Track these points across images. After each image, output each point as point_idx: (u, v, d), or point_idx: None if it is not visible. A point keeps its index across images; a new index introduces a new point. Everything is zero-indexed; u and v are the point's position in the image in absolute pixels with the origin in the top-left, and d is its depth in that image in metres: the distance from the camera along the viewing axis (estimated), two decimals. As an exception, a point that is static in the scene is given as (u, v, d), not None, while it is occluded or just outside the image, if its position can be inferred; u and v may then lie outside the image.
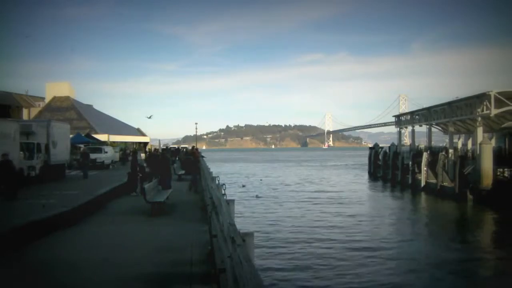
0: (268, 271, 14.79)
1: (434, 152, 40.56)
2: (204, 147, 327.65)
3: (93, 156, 36.10)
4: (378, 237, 21.15)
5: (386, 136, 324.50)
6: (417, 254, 18.06)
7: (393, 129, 67.03)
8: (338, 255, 17.32)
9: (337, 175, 65.54)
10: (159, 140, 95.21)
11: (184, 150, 50.48)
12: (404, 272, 15.29)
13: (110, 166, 37.92)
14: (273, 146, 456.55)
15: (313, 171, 77.09)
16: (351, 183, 51.94)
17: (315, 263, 16.22)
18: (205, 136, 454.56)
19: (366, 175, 61.15)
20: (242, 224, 21.38)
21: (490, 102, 32.42)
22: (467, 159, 34.79)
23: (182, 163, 30.10)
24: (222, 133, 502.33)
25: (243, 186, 46.74)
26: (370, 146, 65.00)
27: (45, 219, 12.47)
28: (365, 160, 68.73)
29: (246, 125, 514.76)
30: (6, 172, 16.80)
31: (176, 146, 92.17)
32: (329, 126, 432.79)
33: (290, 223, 24.61)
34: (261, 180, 55.25)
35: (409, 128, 54.47)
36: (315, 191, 42.21)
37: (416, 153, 43.55)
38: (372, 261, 16.55)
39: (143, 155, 45.08)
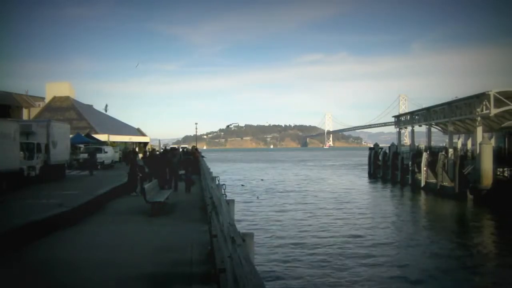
0: (268, 271, 14.80)
1: (433, 152, 40.60)
2: (204, 147, 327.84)
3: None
4: (378, 237, 21.16)
5: (386, 136, 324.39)
6: (417, 254, 18.07)
7: (393, 129, 67.03)
8: (338, 255, 17.33)
9: (337, 175, 65.57)
10: (159, 140, 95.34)
11: (185, 150, 50.41)
12: (403, 272, 15.29)
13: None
14: (271, 146, 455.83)
15: (313, 171, 77.11)
16: (351, 183, 51.95)
17: (315, 263, 16.23)
18: (205, 136, 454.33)
19: (366, 175, 61.16)
20: (242, 224, 21.41)
21: (489, 102, 32.45)
22: (467, 159, 34.84)
23: (180, 163, 30.01)
24: (222, 133, 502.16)
25: (243, 185, 46.80)
26: (370, 146, 65.01)
27: (45, 219, 12.48)
28: (365, 160, 68.76)
29: (246, 125, 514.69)
30: None
31: (176, 146, 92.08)
32: (329, 126, 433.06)
33: (290, 223, 24.62)
34: (262, 179, 55.32)
35: (409, 128, 54.52)
36: (315, 191, 42.23)
37: (416, 153, 43.59)
38: (372, 261, 16.57)
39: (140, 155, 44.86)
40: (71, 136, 34.67)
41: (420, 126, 50.17)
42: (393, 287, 13.97)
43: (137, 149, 52.63)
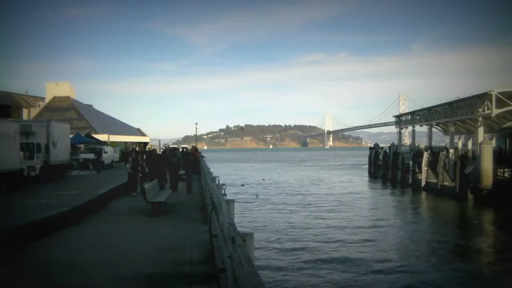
0: (268, 271, 14.78)
1: (434, 152, 40.58)
2: (205, 147, 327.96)
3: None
4: (379, 237, 21.16)
5: (386, 136, 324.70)
6: (417, 254, 18.05)
7: (393, 129, 67.21)
8: (338, 255, 17.31)
9: (337, 175, 65.53)
10: (159, 140, 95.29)
11: (184, 150, 50.33)
12: (403, 272, 15.27)
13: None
14: (271, 146, 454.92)
15: (313, 171, 77.10)
16: (351, 183, 51.94)
17: (315, 263, 16.21)
18: (205, 136, 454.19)
19: (366, 175, 61.16)
20: (242, 224, 21.39)
21: (491, 102, 32.42)
22: (468, 159, 34.82)
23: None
24: (222, 133, 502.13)
25: (242, 185, 46.90)
26: (370, 146, 65.04)
27: (45, 219, 12.47)
28: (365, 160, 68.74)
29: (246, 125, 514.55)
30: None
31: (175, 146, 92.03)
32: (329, 126, 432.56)
33: (290, 223, 24.59)
34: (263, 179, 55.39)
35: (409, 128, 54.53)
36: (315, 191, 42.20)
37: (416, 153, 43.57)
38: (372, 260, 16.55)
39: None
40: (71, 136, 34.66)
41: (421, 126, 50.18)
42: (393, 286, 13.94)
43: (137, 149, 52.62)
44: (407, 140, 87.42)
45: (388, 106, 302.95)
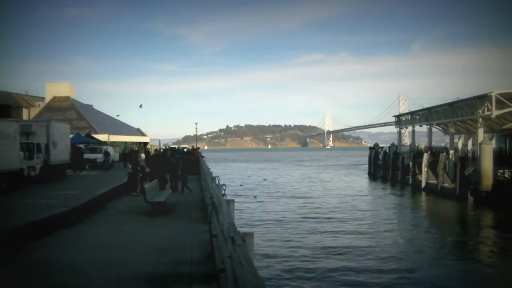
0: (268, 271, 14.77)
1: (434, 153, 40.56)
2: (205, 147, 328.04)
3: (92, 156, 36.21)
4: (379, 237, 21.14)
5: (386, 136, 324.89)
6: (417, 255, 18.06)
7: (393, 129, 67.18)
8: (338, 255, 17.30)
9: (337, 175, 65.49)
10: (159, 140, 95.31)
11: (184, 150, 50.34)
12: (403, 274, 15.27)
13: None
14: (269, 146, 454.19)
15: (312, 171, 77.08)
16: (351, 183, 51.91)
17: (315, 263, 16.20)
18: (205, 136, 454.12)
19: (366, 175, 61.12)
20: (241, 224, 21.40)
21: (491, 103, 32.40)
22: (468, 160, 34.79)
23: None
24: (222, 133, 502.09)
25: (241, 185, 46.93)
26: (370, 146, 64.97)
27: (45, 219, 12.47)
28: (365, 160, 68.69)
29: (246, 125, 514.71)
30: None
31: (175, 146, 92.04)
32: (329, 126, 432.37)
33: (290, 223, 24.58)
34: (264, 179, 55.36)
35: (409, 128, 54.52)
36: (315, 191, 42.19)
37: (416, 154, 43.54)
38: (372, 260, 16.55)
39: (142, 155, 45.08)
40: (71, 136, 34.66)
41: (420, 126, 50.17)
42: (392, 287, 13.94)
43: (137, 149, 52.63)
44: (407, 140, 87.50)
45: (388, 106, 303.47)
